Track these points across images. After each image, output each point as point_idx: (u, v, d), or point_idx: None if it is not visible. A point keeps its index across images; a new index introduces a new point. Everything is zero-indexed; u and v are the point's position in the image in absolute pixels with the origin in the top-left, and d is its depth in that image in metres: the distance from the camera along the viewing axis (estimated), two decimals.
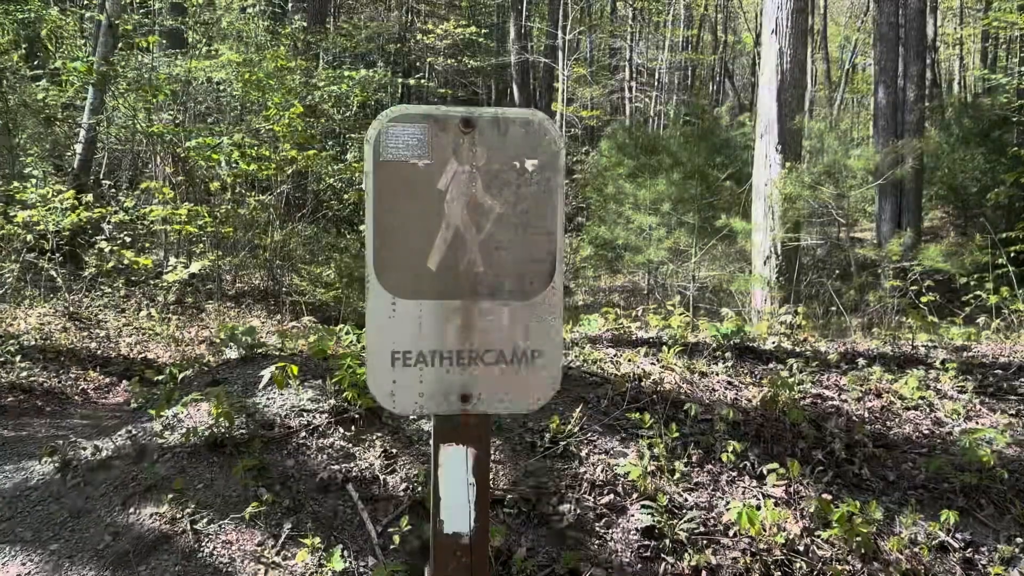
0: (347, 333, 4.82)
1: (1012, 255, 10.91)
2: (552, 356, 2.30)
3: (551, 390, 2.32)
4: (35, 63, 13.98)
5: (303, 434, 3.83)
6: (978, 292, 9.46)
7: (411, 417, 4.02)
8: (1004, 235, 11.97)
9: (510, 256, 2.27)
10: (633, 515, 3.67)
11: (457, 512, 2.30)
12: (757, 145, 11.76)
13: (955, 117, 19.95)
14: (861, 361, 5.44)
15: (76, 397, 6.36)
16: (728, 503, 3.83)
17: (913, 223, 16.34)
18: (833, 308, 10.57)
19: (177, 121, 11.90)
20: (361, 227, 20.36)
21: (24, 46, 14.07)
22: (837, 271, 13.28)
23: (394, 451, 3.83)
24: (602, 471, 3.88)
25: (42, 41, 15.61)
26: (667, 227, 13.71)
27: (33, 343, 7.27)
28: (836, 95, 37.32)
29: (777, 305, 10.44)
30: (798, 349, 5.65)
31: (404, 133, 2.21)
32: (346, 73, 13.65)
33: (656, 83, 33.23)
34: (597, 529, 3.58)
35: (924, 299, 8.07)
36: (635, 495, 3.75)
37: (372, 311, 2.23)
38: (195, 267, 9.05)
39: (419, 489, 3.59)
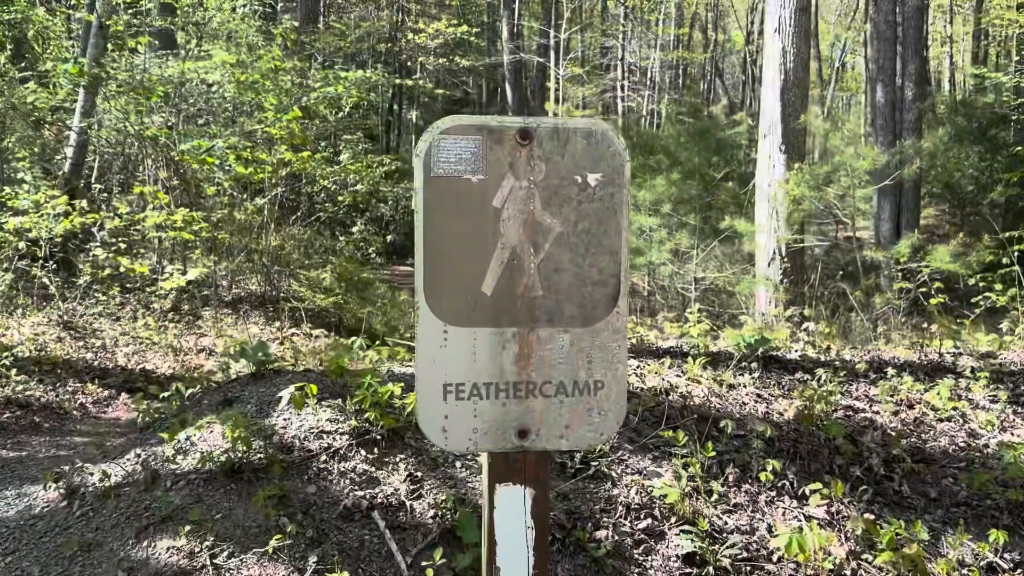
0: (363, 348, 4.62)
1: (1017, 254, 10.81)
2: (617, 387, 2.12)
3: (615, 424, 2.14)
4: (23, 65, 13.69)
5: (324, 458, 3.64)
6: (987, 293, 9.34)
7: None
8: (1007, 234, 11.87)
9: (571, 279, 2.08)
10: (672, 540, 3.50)
11: (515, 559, 2.12)
12: (760, 145, 11.62)
13: (948, 115, 19.91)
14: (890, 371, 5.29)
15: (75, 412, 6.14)
16: (769, 525, 3.67)
17: (912, 222, 16.27)
18: (840, 310, 10.44)
19: (170, 124, 11.64)
20: (354, 228, 20.20)
21: (10, 47, 13.77)
22: (840, 272, 13.15)
23: (419, 474, 3.64)
24: (637, 493, 3.70)
25: (29, 42, 15.31)
26: (668, 228, 13.55)
27: (27, 354, 7.04)
28: (827, 93, 37.33)
29: (782, 307, 10.31)
30: (823, 358, 5.49)
31: (456, 146, 2.02)
32: (342, 74, 13.41)
33: (648, 82, 33.14)
34: (636, 556, 3.41)
35: (933, 301, 7.94)
36: (673, 519, 3.58)
37: (422, 340, 2.05)
38: (193, 274, 8.82)
39: (448, 516, 3.41)
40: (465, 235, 2.04)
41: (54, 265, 9.04)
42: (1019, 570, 3.68)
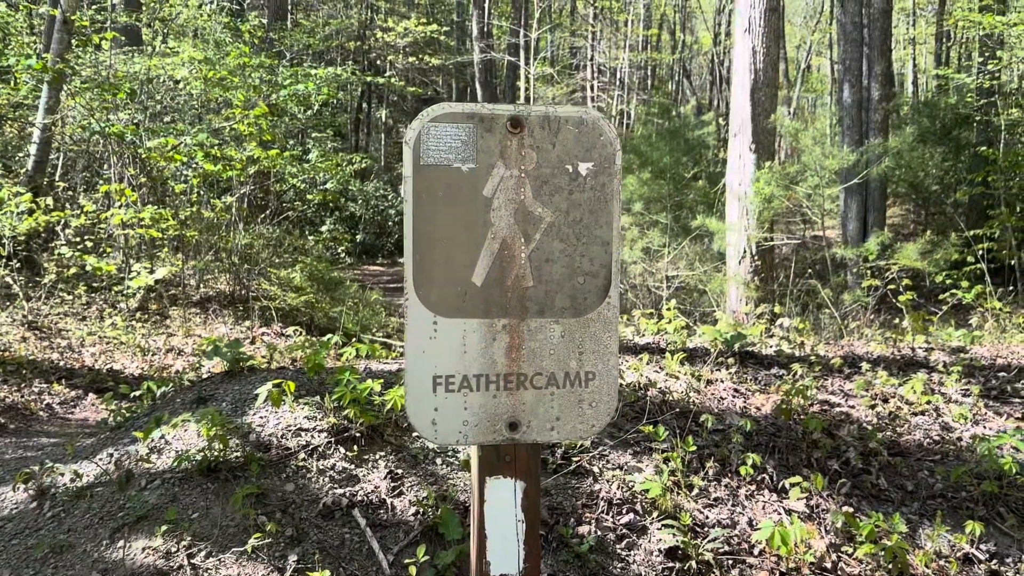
0: (339, 345, 4.56)
1: (981, 253, 11.01)
2: (608, 378, 2.10)
3: (606, 416, 2.12)
4: None
5: (302, 455, 3.58)
6: (954, 291, 9.49)
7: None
8: (972, 233, 12.09)
9: (562, 269, 2.06)
10: (654, 535, 3.49)
11: (505, 552, 2.09)
12: (731, 144, 11.70)
13: (912, 116, 20.19)
14: (864, 365, 5.34)
15: (41, 412, 6.01)
16: (750, 519, 3.67)
17: (879, 221, 16.48)
18: (810, 307, 10.56)
19: (136, 121, 11.44)
20: (323, 227, 20.03)
21: None
22: (808, 270, 13.29)
23: (399, 471, 3.60)
24: (618, 488, 3.69)
25: None
26: (639, 227, 13.61)
27: None
28: (793, 94, 37.76)
29: (753, 305, 10.39)
30: (798, 354, 5.53)
31: (447, 134, 1.99)
32: (312, 71, 13.28)
33: (617, 82, 33.27)
34: (619, 551, 3.39)
35: (903, 298, 8.04)
36: (655, 513, 3.57)
37: (412, 331, 2.01)
38: (160, 273, 8.67)
39: (429, 513, 3.37)
40: (455, 225, 2.01)
41: (17, 264, 8.85)
42: (995, 560, 3.73)
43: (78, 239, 9.71)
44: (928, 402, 4.91)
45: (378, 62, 28.63)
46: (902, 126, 19.04)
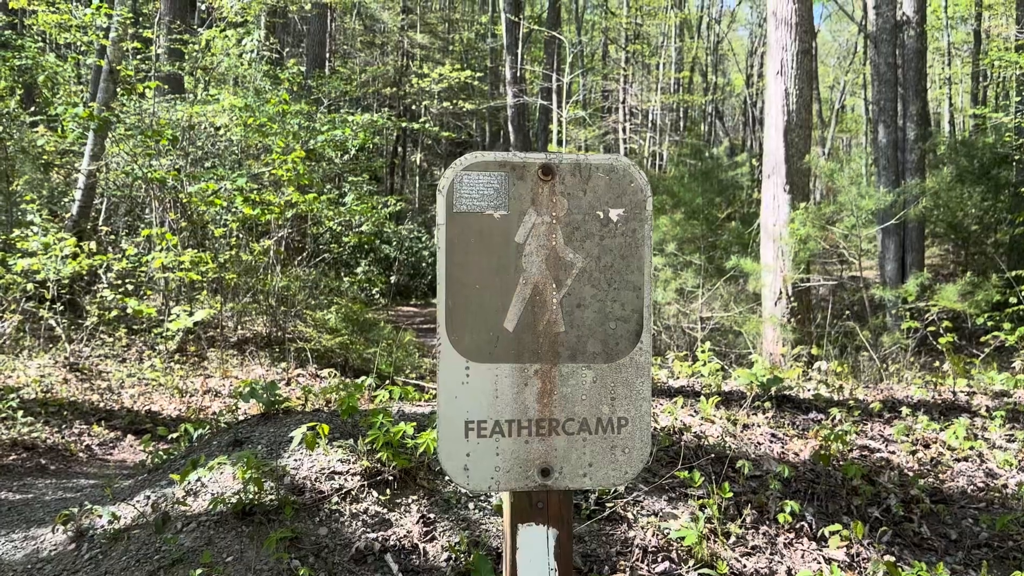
0: (372, 388, 4.58)
1: None
2: (640, 424, 2.09)
3: (639, 463, 2.10)
4: (33, 109, 13.84)
5: (335, 499, 3.59)
6: (996, 332, 9.30)
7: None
8: (1014, 273, 11.86)
9: (593, 314, 2.07)
10: None
11: None
12: (764, 186, 11.67)
13: (949, 155, 20.01)
14: (904, 410, 5.24)
15: (81, 454, 6.09)
16: (788, 568, 3.60)
17: (917, 262, 16.28)
18: (848, 349, 10.40)
19: (178, 166, 11.72)
20: (359, 269, 20.22)
21: (20, 92, 13.93)
22: (846, 312, 13.13)
23: (432, 516, 3.59)
24: (653, 535, 3.64)
25: (39, 87, 15.50)
26: (673, 268, 13.56)
27: (33, 396, 7.01)
28: (827, 135, 37.66)
29: (790, 347, 10.28)
30: (837, 397, 5.45)
31: (479, 182, 2.02)
32: (348, 117, 13.53)
33: (649, 124, 33.45)
34: None
35: (943, 340, 7.89)
36: (691, 562, 3.52)
37: (444, 376, 2.03)
38: (200, 315, 8.80)
39: (461, 559, 3.35)
40: (487, 271, 2.02)
41: (61, 307, 9.04)
42: None
43: (120, 282, 9.91)
44: (971, 448, 4.80)
45: (413, 107, 29.10)
46: (939, 166, 18.85)
